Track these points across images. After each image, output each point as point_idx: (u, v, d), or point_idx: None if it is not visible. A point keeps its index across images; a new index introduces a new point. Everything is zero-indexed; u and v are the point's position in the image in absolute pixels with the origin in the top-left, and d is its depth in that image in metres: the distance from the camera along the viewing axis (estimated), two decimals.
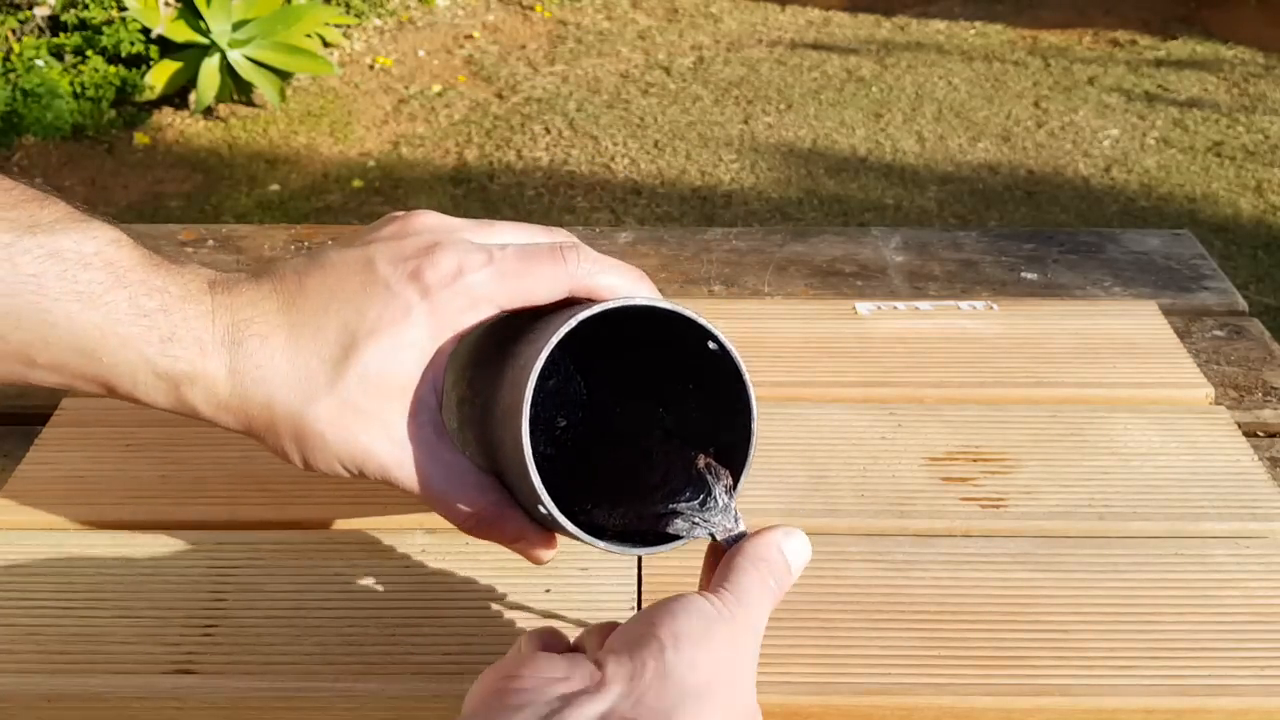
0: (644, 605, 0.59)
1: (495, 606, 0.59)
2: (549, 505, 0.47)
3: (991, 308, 0.84)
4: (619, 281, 0.50)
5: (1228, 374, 0.80)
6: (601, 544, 0.48)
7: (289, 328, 0.48)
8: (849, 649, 0.57)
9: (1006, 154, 3.09)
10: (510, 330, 0.51)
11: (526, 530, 0.52)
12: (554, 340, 0.46)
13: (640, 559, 0.61)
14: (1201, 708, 0.55)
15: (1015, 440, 0.71)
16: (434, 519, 0.40)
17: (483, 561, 0.62)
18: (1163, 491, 0.67)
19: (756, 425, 0.50)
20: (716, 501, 0.48)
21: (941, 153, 3.11)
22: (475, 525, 0.50)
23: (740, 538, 0.48)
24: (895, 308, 0.84)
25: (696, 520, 0.48)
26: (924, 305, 0.84)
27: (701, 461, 0.49)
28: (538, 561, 0.53)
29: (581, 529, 0.48)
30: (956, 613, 0.59)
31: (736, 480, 0.50)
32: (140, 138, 3.24)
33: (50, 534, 0.64)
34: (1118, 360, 0.78)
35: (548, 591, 0.60)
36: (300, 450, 0.49)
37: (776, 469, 0.69)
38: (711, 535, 0.48)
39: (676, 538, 0.49)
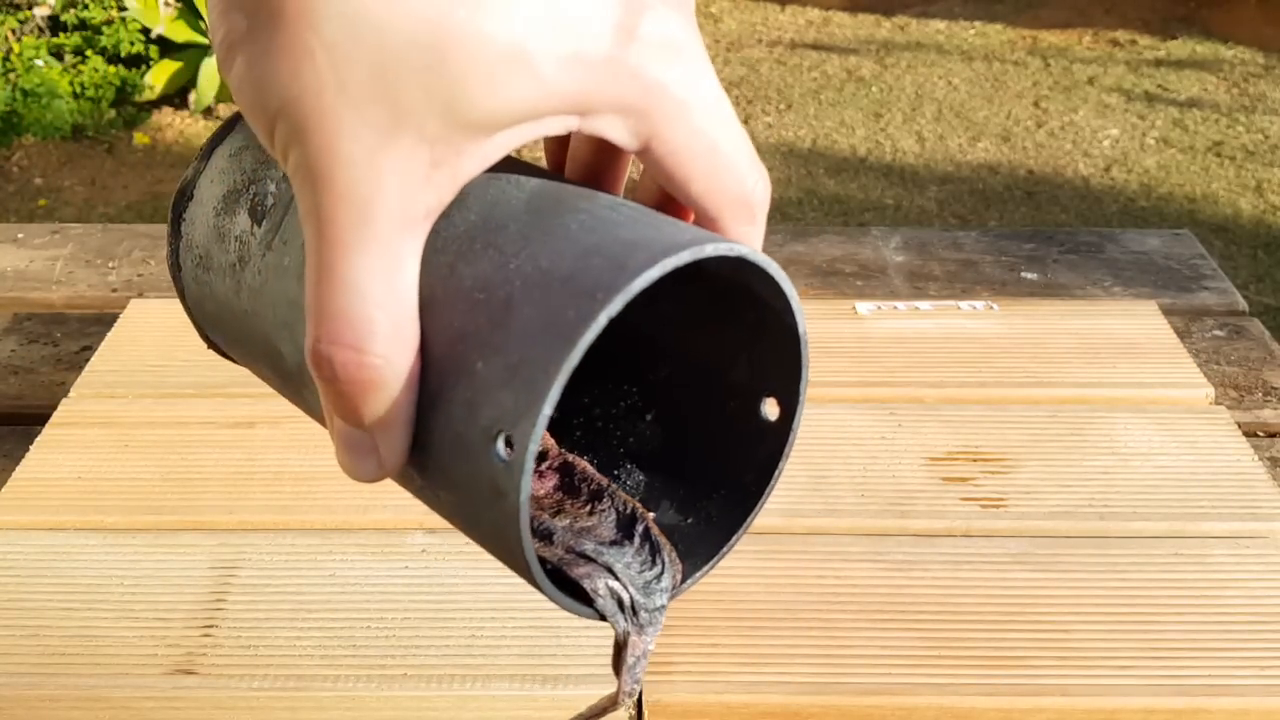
0: None
1: (494, 606, 0.59)
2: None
3: (991, 308, 0.84)
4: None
5: (1228, 374, 0.80)
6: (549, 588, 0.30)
7: None
8: (849, 649, 0.57)
9: (1006, 154, 3.09)
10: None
11: (395, 434, 0.29)
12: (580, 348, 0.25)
13: None
14: (1201, 708, 0.55)
15: (1015, 440, 0.71)
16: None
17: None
18: (1163, 491, 0.67)
19: (777, 477, 0.32)
20: (651, 592, 0.31)
21: (941, 153, 3.11)
22: (332, 381, 0.28)
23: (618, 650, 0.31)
24: (895, 308, 0.84)
25: (624, 592, 0.31)
26: (924, 305, 0.84)
27: (643, 517, 0.32)
28: (349, 473, 0.31)
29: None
30: (956, 613, 0.59)
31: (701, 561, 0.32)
32: (140, 138, 3.24)
33: (50, 534, 0.64)
34: (1118, 360, 0.78)
35: None
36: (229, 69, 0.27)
37: None
38: (625, 632, 0.31)
39: (589, 606, 0.31)
